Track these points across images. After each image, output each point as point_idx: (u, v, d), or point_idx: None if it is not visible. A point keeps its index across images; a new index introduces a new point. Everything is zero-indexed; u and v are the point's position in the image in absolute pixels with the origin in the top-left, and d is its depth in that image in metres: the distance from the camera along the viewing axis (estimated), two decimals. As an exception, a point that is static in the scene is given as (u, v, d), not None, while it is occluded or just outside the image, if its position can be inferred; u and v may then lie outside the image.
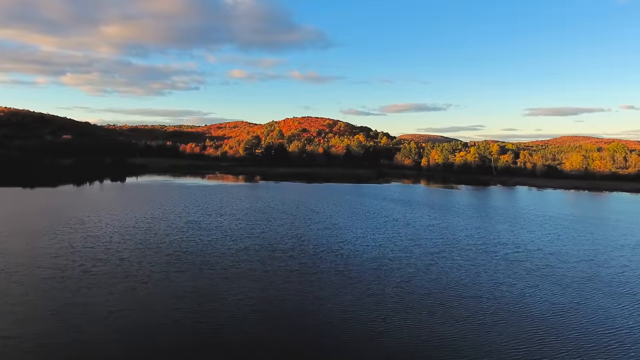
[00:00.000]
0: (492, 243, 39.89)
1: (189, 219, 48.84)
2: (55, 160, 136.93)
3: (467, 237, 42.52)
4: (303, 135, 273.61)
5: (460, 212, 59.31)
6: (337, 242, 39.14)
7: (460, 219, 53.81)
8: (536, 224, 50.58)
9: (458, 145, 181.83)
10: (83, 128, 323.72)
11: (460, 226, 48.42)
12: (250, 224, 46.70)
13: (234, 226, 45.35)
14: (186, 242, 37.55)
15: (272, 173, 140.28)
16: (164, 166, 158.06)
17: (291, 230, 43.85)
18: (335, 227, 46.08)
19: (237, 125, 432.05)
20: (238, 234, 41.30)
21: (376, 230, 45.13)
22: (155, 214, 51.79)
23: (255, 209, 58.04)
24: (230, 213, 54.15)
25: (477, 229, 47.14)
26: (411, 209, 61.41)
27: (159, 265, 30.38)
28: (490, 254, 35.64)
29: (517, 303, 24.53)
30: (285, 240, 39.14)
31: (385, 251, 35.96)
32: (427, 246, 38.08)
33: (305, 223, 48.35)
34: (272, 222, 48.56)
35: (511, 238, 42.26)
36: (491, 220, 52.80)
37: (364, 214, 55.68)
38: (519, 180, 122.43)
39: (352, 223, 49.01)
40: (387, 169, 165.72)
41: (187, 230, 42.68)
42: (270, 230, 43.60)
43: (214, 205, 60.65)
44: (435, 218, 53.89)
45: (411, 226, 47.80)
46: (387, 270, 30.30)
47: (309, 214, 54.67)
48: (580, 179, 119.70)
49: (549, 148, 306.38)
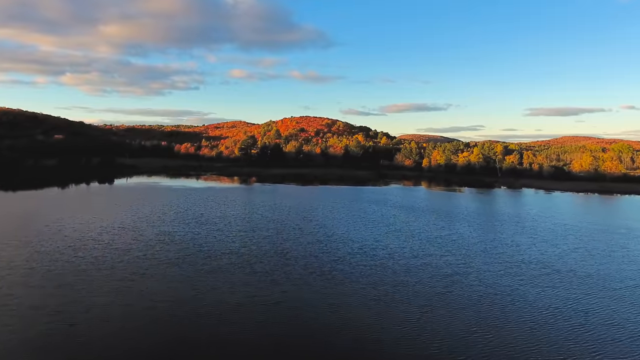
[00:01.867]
0: (514, 261, 33.73)
1: (161, 229, 42.62)
2: (39, 161, 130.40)
3: (483, 252, 36.37)
4: (301, 135, 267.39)
5: (469, 220, 53.18)
6: (329, 260, 32.96)
7: (470, 228, 47.67)
8: (558, 236, 44.43)
9: (460, 145, 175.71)
10: (77, 128, 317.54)
11: (472, 238, 42.27)
12: (230, 236, 40.51)
13: (211, 239, 39.14)
14: (148, 260, 31.36)
15: (267, 174, 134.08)
16: (155, 167, 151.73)
17: (277, 245, 37.65)
18: (329, 241, 39.90)
19: (235, 125, 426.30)
20: (214, 250, 35.10)
21: (376, 243, 38.97)
22: (125, 223, 45.55)
23: (240, 217, 51.85)
24: (212, 222, 47.96)
25: (493, 241, 41.00)
26: (414, 216, 55.26)
27: (106, 295, 24.18)
28: (515, 278, 29.48)
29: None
30: (268, 258, 32.93)
31: (386, 273, 29.77)
32: (437, 266, 31.93)
33: (294, 234, 42.17)
34: (256, 233, 42.36)
35: (535, 255, 36.10)
36: (507, 231, 46.65)
37: (362, 223, 49.52)
38: (526, 182, 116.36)
39: (348, 235, 42.83)
40: (387, 170, 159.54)
41: (154, 244, 36.47)
42: (252, 244, 37.40)
43: (195, 212, 54.44)
44: (443, 228, 47.73)
45: (416, 238, 41.63)
46: (389, 304, 24.15)
47: (300, 223, 48.49)
48: (590, 180, 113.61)
49: (552, 148, 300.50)
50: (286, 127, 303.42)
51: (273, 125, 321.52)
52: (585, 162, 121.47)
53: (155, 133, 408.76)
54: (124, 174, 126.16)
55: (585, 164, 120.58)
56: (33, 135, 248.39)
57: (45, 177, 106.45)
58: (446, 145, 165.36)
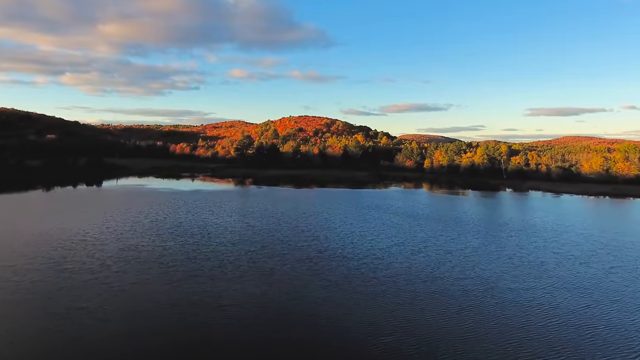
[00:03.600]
0: (544, 286, 27.82)
1: (126, 244, 36.72)
2: (23, 161, 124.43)
3: (504, 273, 30.48)
4: (299, 135, 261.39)
5: (479, 230, 47.30)
6: (320, 286, 27.12)
7: (483, 240, 41.80)
8: (586, 250, 38.51)
9: (462, 145, 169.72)
10: (71, 128, 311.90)
11: (487, 254, 36.40)
12: (206, 252, 34.64)
13: (181, 256, 33.26)
14: (98, 286, 25.50)
15: (263, 176, 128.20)
16: (145, 168, 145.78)
17: (259, 264, 31.78)
18: (322, 257, 34.04)
19: (233, 125, 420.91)
20: (179, 271, 29.23)
21: (377, 261, 33.10)
22: (86, 235, 39.65)
23: (222, 226, 45.96)
24: (188, 233, 42.07)
25: (511, 258, 35.11)
26: (418, 226, 49.38)
27: (31, 329, 18.34)
28: (554, 313, 23.62)
29: None
30: (245, 283, 27.09)
31: (389, 303, 23.93)
32: (451, 292, 26.06)
33: (281, 249, 36.30)
34: (236, 247, 36.47)
35: (567, 277, 30.16)
36: (527, 244, 40.75)
37: (360, 235, 43.65)
38: (533, 184, 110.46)
39: (344, 251, 36.97)
40: (387, 171, 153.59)
41: (112, 263, 30.58)
42: (229, 264, 31.52)
43: (173, 221, 48.57)
44: (452, 239, 41.85)
45: (423, 254, 35.75)
46: (393, 346, 18.30)
47: (289, 235, 42.61)
48: (601, 183, 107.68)
49: (555, 148, 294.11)
50: (284, 126, 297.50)
51: (271, 125, 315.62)
52: (595, 163, 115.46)
53: (153, 133, 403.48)
54: (111, 175, 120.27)
55: (596, 165, 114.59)
56: (25, 135, 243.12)
57: (26, 178, 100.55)
58: (448, 146, 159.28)
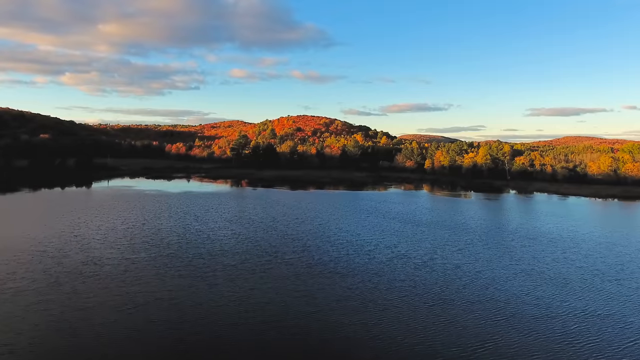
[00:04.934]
0: (575, 312, 23.35)
1: (89, 255, 32.26)
2: (10, 162, 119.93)
3: (525, 295, 25.96)
4: (297, 135, 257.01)
5: (489, 238, 42.86)
6: (304, 313, 22.67)
7: (494, 250, 37.35)
8: (613, 265, 33.99)
9: (464, 145, 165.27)
10: (66, 127, 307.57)
11: (502, 267, 31.92)
12: (177, 266, 30.17)
13: (146, 272, 28.81)
14: (31, 312, 21.03)
15: (258, 177, 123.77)
16: (137, 168, 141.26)
17: (236, 283, 27.31)
18: (312, 273, 29.59)
19: (232, 125, 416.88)
20: (143, 293, 24.78)
21: (376, 278, 28.64)
22: (48, 246, 35.20)
23: (203, 234, 41.49)
24: (164, 242, 37.63)
25: (529, 274, 30.61)
26: (422, 233, 44.93)
27: None
28: (588, 350, 19.16)
29: None
30: (212, 323, 22.63)
31: (386, 337, 19.45)
32: (464, 321, 21.57)
33: (267, 263, 31.83)
34: (214, 260, 32.01)
35: (603, 301, 25.67)
36: (544, 256, 36.29)
37: (357, 244, 39.20)
38: (539, 186, 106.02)
39: (338, 264, 32.51)
40: (387, 171, 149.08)
41: (57, 282, 26.14)
42: (201, 281, 27.05)
43: (151, 228, 44.13)
44: (459, 250, 37.39)
45: (428, 269, 31.28)
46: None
47: (278, 244, 38.17)
48: (610, 184, 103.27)
49: (557, 148, 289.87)
50: (282, 126, 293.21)
51: (269, 125, 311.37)
52: (603, 163, 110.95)
53: (150, 133, 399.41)
54: (100, 176, 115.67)
55: (604, 166, 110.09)
56: (17, 134, 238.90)
57: (9, 180, 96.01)
58: (450, 146, 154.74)
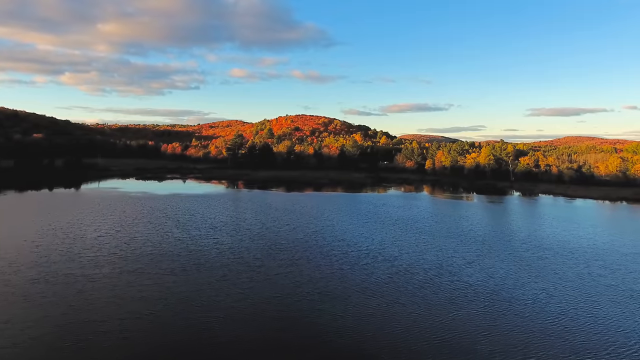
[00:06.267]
0: (614, 346, 18.93)
1: (44, 272, 27.81)
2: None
3: (551, 323, 21.51)
4: (295, 134, 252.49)
5: (501, 248, 38.45)
6: (285, 348, 18.24)
7: (509, 263, 32.92)
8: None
9: (465, 145, 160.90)
10: (61, 127, 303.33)
11: (520, 286, 27.47)
12: (144, 283, 25.76)
13: (101, 294, 24.39)
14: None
15: (253, 177, 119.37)
16: (128, 169, 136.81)
17: (202, 314, 22.89)
18: (300, 296, 25.18)
19: (230, 125, 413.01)
20: (89, 334, 20.36)
21: (374, 300, 24.22)
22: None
23: (181, 243, 37.08)
24: (135, 254, 33.23)
25: (551, 295, 26.16)
26: (426, 243, 40.53)
27: None
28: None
29: None
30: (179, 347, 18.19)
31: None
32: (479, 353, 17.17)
33: (246, 282, 27.42)
34: (187, 277, 27.59)
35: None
36: (566, 270, 31.87)
37: (354, 256, 34.79)
38: (545, 187, 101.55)
39: (329, 285, 28.10)
40: (387, 172, 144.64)
41: None
42: (159, 307, 22.64)
43: (125, 236, 39.70)
44: (469, 263, 32.97)
45: (434, 288, 26.84)
46: None
47: (262, 257, 33.76)
48: (619, 186, 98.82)
49: (560, 149, 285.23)
50: (280, 126, 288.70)
51: (267, 124, 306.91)
52: (611, 164, 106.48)
53: (148, 132, 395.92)
54: (88, 177, 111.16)
55: (612, 167, 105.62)
56: (10, 134, 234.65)
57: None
58: (451, 146, 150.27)
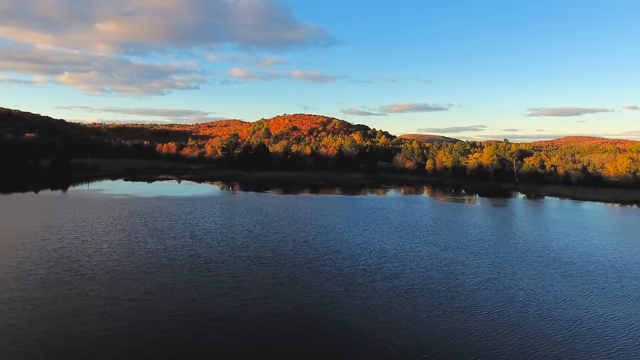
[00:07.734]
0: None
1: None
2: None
3: None
4: (292, 134, 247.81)
5: (520, 266, 33.86)
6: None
7: (533, 287, 28.32)
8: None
9: (467, 145, 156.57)
10: (55, 126, 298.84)
11: (553, 319, 22.93)
12: (97, 305, 21.14)
13: (51, 325, 19.75)
14: None
15: (247, 178, 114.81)
16: (118, 169, 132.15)
17: (170, 347, 18.26)
18: (282, 325, 20.54)
19: (228, 124, 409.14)
20: None
21: (372, 334, 19.62)
22: None
23: (154, 257, 32.44)
24: (99, 268, 28.58)
25: (584, 324, 21.63)
26: (431, 256, 35.95)
27: None
28: None
29: None
30: None
31: None
32: None
33: (219, 307, 22.79)
34: (153, 299, 22.97)
35: None
36: (594, 289, 27.29)
37: (349, 273, 30.17)
38: (552, 189, 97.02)
39: (320, 309, 23.51)
40: (386, 173, 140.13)
41: None
42: (118, 335, 18.01)
43: (93, 245, 35.06)
44: (482, 283, 28.37)
45: (444, 314, 22.25)
46: None
47: (245, 274, 29.12)
48: (629, 188, 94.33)
49: (561, 149, 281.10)
50: (278, 125, 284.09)
51: (265, 124, 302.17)
52: (621, 165, 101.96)
53: (145, 132, 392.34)
54: (75, 178, 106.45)
55: (622, 168, 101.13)
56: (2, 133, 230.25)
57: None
58: (453, 145, 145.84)
